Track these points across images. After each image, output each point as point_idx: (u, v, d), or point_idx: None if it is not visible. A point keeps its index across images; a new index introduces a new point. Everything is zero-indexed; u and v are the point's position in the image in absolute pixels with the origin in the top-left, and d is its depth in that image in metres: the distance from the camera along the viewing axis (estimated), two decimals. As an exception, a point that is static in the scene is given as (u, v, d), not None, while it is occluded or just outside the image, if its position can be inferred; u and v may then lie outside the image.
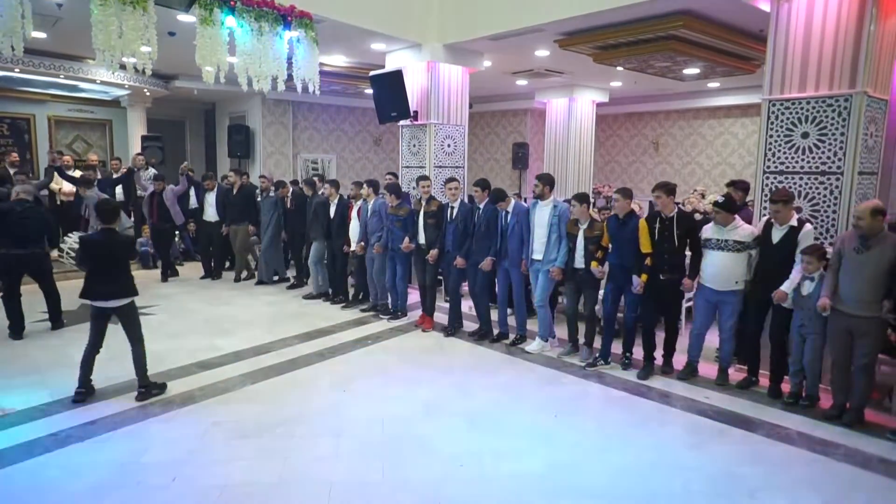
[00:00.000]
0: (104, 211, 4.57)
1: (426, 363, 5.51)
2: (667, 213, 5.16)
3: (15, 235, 5.86)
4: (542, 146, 13.93)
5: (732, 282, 4.90)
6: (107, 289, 4.46)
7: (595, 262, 5.38)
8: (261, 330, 6.42)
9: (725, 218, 4.89)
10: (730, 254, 4.88)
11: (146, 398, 4.51)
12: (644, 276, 5.11)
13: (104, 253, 4.44)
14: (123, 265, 4.60)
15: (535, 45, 8.13)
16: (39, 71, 9.43)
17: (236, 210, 8.82)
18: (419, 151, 8.52)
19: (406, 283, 7.08)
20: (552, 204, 5.78)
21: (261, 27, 5.98)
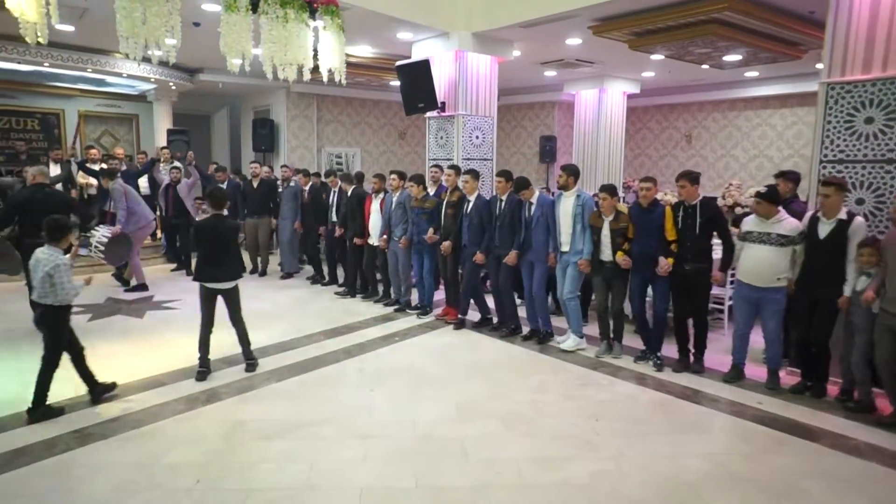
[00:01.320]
0: (214, 196, 4.88)
1: (456, 361, 5.30)
2: (690, 201, 4.91)
3: (37, 223, 5.70)
4: (570, 139, 13.62)
5: (774, 278, 4.60)
6: (216, 271, 4.73)
7: (621, 253, 5.18)
8: (286, 325, 6.28)
9: (767, 209, 4.60)
10: (772, 248, 4.59)
11: (254, 369, 4.93)
12: (670, 259, 4.91)
13: (214, 237, 4.72)
14: (232, 249, 4.84)
15: (567, 33, 7.84)
16: (67, 65, 9.41)
17: (257, 203, 8.72)
18: (446, 144, 8.29)
19: (433, 278, 6.90)
20: (576, 194, 5.58)
21: (286, 14, 5.80)
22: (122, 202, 7.39)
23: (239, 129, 14.51)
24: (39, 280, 3.88)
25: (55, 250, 3.98)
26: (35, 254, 3.95)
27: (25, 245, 5.65)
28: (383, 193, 7.19)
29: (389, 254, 7.08)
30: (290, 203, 8.61)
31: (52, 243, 4.00)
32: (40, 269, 3.87)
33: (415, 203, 6.68)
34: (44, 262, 3.88)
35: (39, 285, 3.89)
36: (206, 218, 4.94)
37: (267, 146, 12.39)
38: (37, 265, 3.90)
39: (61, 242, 4.05)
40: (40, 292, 3.92)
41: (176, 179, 8.83)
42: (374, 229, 7.22)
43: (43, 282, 3.87)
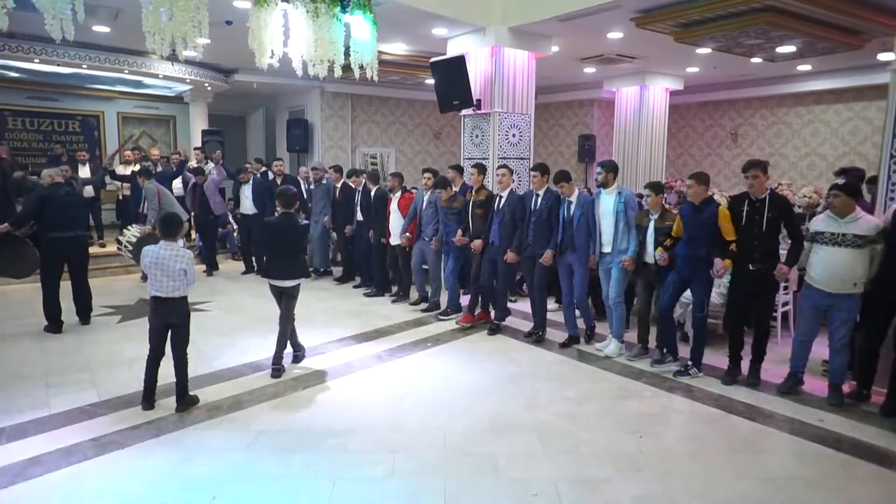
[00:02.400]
0: (284, 196, 4.87)
1: (490, 369, 5.04)
2: (757, 194, 4.52)
3: (61, 219, 5.73)
4: (609, 138, 13.19)
5: (850, 283, 4.21)
6: (283, 269, 4.78)
7: (660, 249, 4.88)
8: (316, 328, 6.10)
9: (845, 204, 4.22)
10: (847, 250, 4.19)
11: (300, 360, 5.05)
12: (728, 260, 4.52)
13: (283, 236, 4.78)
14: (300, 248, 4.97)
15: (607, 26, 7.49)
16: (105, 66, 9.49)
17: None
18: (482, 142, 8.03)
19: (456, 278, 6.73)
20: (616, 191, 5.29)
21: (317, 9, 5.64)
22: (154, 202, 7.37)
23: (274, 130, 14.54)
24: (173, 275, 4.01)
25: (173, 244, 4.10)
26: (156, 252, 4.02)
27: (48, 240, 5.69)
28: (401, 192, 7.20)
29: (416, 252, 6.97)
30: (322, 201, 8.49)
31: (168, 239, 4.11)
32: (174, 265, 4.00)
33: (444, 203, 6.58)
34: (174, 257, 4.01)
35: (172, 279, 4.01)
36: (278, 216, 4.96)
37: (301, 147, 12.35)
38: (166, 262, 4.00)
39: (177, 237, 4.20)
40: (173, 286, 4.03)
41: (202, 180, 8.77)
42: (394, 229, 7.17)
43: (178, 276, 4.03)
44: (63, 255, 5.81)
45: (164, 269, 4.00)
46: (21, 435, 3.72)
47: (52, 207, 5.67)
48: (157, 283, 4.03)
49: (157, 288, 4.04)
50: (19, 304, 6.77)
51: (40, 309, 5.84)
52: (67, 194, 5.90)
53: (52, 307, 5.82)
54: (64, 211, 5.74)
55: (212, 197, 8.78)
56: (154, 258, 4.02)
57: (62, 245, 5.73)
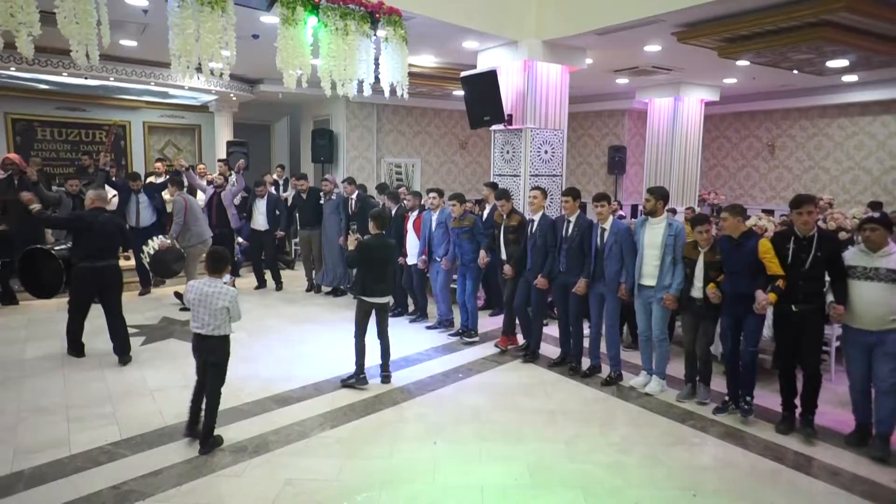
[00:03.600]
0: (380, 218, 5.14)
1: (526, 408, 4.77)
2: (805, 231, 4.20)
3: (95, 247, 5.49)
4: (640, 149, 12.87)
5: (887, 319, 3.91)
6: (380, 287, 5.07)
7: (712, 285, 4.56)
8: (341, 355, 5.89)
9: (881, 238, 3.98)
10: (882, 284, 3.94)
11: (389, 381, 5.22)
12: (773, 295, 4.19)
13: (380, 255, 5.05)
14: (391, 267, 5.29)
15: (646, 39, 7.20)
16: (132, 79, 9.48)
17: (308, 215, 8.46)
18: (513, 159, 7.78)
19: (475, 300, 6.56)
20: (666, 221, 4.96)
21: (346, 26, 5.46)
22: (180, 216, 7.22)
23: (299, 139, 14.45)
24: (215, 313, 3.89)
25: (217, 281, 4.00)
26: (200, 289, 3.93)
27: (80, 269, 5.47)
28: (418, 211, 7.01)
29: (432, 274, 6.82)
30: (334, 216, 8.23)
31: (214, 275, 4.01)
32: (217, 302, 3.89)
33: (454, 224, 6.44)
34: (218, 295, 3.90)
35: (214, 318, 3.90)
36: (372, 237, 5.11)
37: (326, 157, 12.21)
38: (209, 299, 3.89)
39: (223, 273, 4.08)
40: (214, 324, 3.92)
41: (220, 189, 8.53)
42: (410, 248, 7.01)
43: (220, 314, 3.91)
44: (95, 288, 5.55)
45: (206, 305, 3.89)
46: (40, 480, 3.56)
47: (89, 234, 5.45)
48: (199, 319, 3.94)
49: (198, 324, 3.95)
50: (42, 323, 6.68)
51: (63, 330, 5.70)
52: (106, 221, 5.62)
53: (77, 332, 5.66)
54: (99, 239, 5.51)
55: (229, 208, 8.58)
56: (197, 294, 3.92)
57: (95, 276, 5.47)
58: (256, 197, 8.58)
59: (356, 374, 5.08)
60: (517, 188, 7.75)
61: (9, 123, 11.09)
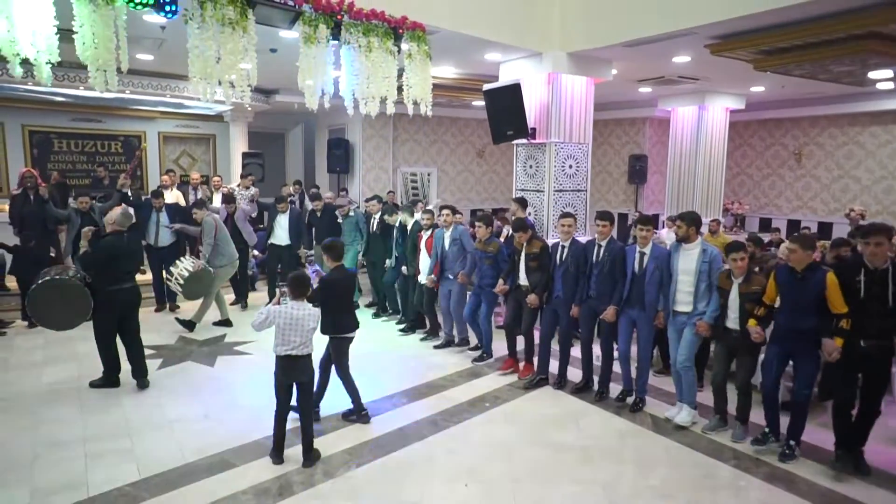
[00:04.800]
0: (331, 248, 4.75)
1: (558, 444, 4.56)
2: (879, 264, 3.94)
3: (121, 270, 5.35)
4: (661, 158, 12.62)
5: None
6: (353, 320, 4.79)
7: (753, 321, 4.32)
8: (364, 380, 5.67)
9: None
10: None
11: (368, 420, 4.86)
12: (839, 339, 3.97)
13: (345, 289, 4.76)
14: (353, 299, 4.99)
15: (676, 51, 6.97)
16: (147, 91, 9.38)
17: (324, 232, 8.28)
18: (536, 173, 7.57)
19: (491, 323, 6.45)
20: (700, 247, 4.75)
21: (369, 43, 5.29)
22: (210, 237, 7.07)
23: (313, 147, 14.32)
24: (306, 334, 4.10)
25: (304, 304, 4.14)
26: (290, 314, 4.06)
27: (108, 294, 5.27)
28: (432, 229, 6.82)
29: (442, 294, 6.64)
30: (352, 234, 8.06)
31: (298, 298, 4.14)
32: (308, 324, 4.10)
33: (478, 245, 6.26)
34: (308, 317, 4.10)
35: (304, 338, 4.10)
36: (332, 271, 4.76)
37: (342, 167, 12.06)
38: (300, 322, 4.07)
39: (305, 296, 4.18)
40: (303, 345, 4.11)
41: (232, 211, 8.23)
42: (423, 266, 6.87)
43: (308, 334, 4.12)
44: (123, 310, 5.39)
45: (297, 328, 4.06)
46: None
47: (119, 260, 5.31)
48: (289, 342, 4.06)
49: (288, 347, 4.07)
50: (59, 343, 6.54)
51: (82, 351, 5.60)
52: (129, 243, 5.49)
53: (115, 362, 5.45)
54: (128, 262, 5.41)
55: (243, 227, 8.41)
56: (288, 319, 4.05)
57: (123, 298, 5.34)
58: (279, 212, 8.44)
59: (358, 410, 4.86)
60: (541, 203, 7.55)
61: (26, 135, 11.04)
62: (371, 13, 5.28)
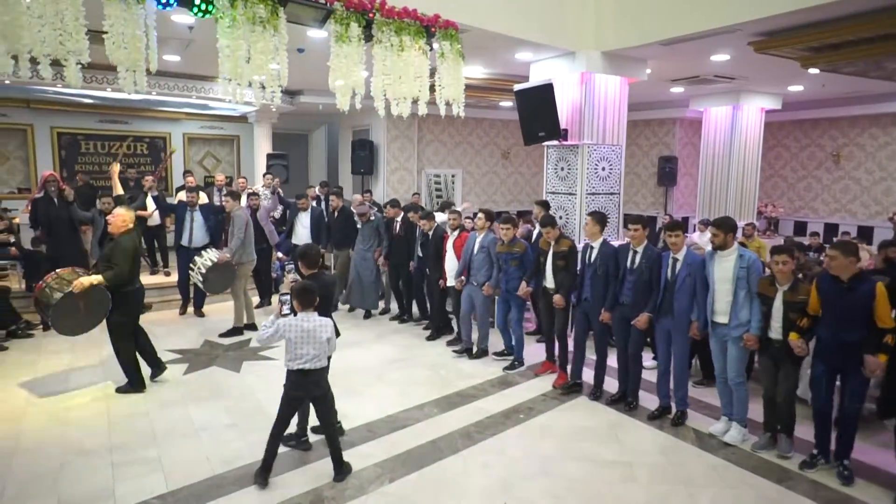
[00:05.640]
0: (306, 255, 4.34)
1: (599, 458, 4.36)
2: None
3: (137, 269, 5.35)
4: (692, 160, 12.32)
5: None
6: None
7: (795, 335, 4.07)
8: (392, 389, 5.58)
9: None
10: None
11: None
12: (883, 356, 3.75)
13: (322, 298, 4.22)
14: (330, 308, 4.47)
15: (715, 49, 6.72)
16: (174, 93, 9.37)
17: (339, 234, 8.15)
18: (568, 176, 7.36)
19: (522, 328, 6.25)
20: (737, 253, 4.51)
21: (402, 42, 5.13)
22: (241, 231, 6.96)
23: (337, 148, 14.24)
24: (321, 345, 3.83)
25: (313, 315, 3.86)
26: (300, 326, 3.79)
27: (122, 294, 5.23)
28: (458, 231, 6.67)
29: (465, 298, 6.46)
30: (370, 239, 7.90)
31: (307, 309, 3.85)
32: (321, 335, 3.82)
33: (500, 248, 6.08)
34: (320, 328, 3.83)
35: (318, 350, 3.83)
36: (307, 279, 4.25)
37: (366, 169, 11.94)
38: (312, 334, 3.80)
39: (314, 306, 3.89)
40: (317, 357, 3.84)
41: (255, 206, 8.06)
42: (449, 269, 6.70)
43: (322, 345, 3.84)
44: (138, 311, 5.42)
45: (310, 341, 3.80)
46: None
47: (137, 256, 5.35)
48: (300, 355, 3.80)
49: (301, 360, 3.81)
50: (85, 346, 6.43)
51: (107, 355, 5.51)
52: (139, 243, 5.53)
53: (137, 364, 5.41)
54: (137, 261, 5.39)
55: (265, 226, 8.26)
56: (300, 332, 3.79)
57: (137, 299, 5.38)
58: (299, 210, 8.31)
59: (298, 435, 4.41)
60: (572, 206, 7.34)
61: (54, 137, 11.12)
62: (403, 11, 5.13)
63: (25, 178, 10.95)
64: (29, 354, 6.35)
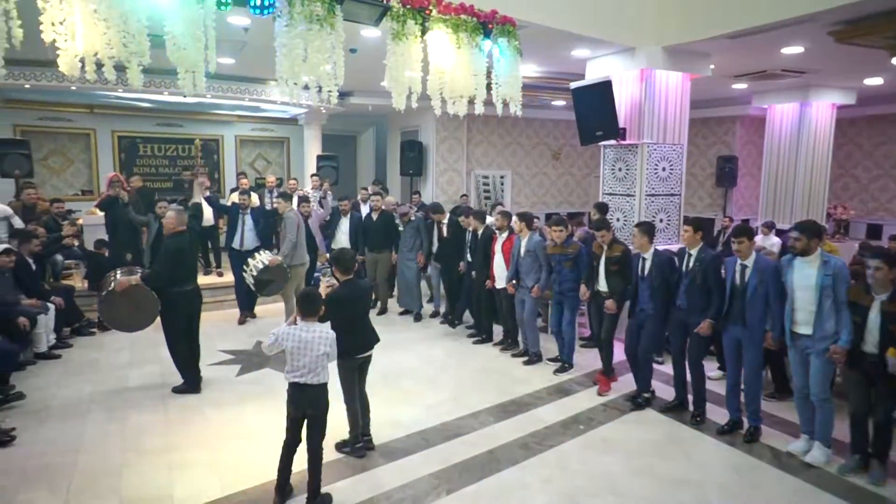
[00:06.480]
0: (339, 259, 4.22)
1: (666, 475, 4.11)
2: None
3: (184, 271, 5.32)
4: (752, 159, 11.79)
5: None
6: (364, 339, 4.26)
7: (893, 350, 3.72)
8: (446, 394, 5.45)
9: None
10: None
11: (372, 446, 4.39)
12: None
13: (356, 305, 4.21)
14: (366, 316, 4.39)
15: (788, 41, 6.34)
16: (227, 95, 9.50)
17: (378, 237, 8.04)
18: (626, 177, 7.08)
19: (574, 330, 6.07)
20: (821, 260, 4.16)
21: (458, 38, 5.00)
22: (293, 233, 6.94)
23: (385, 149, 14.24)
24: (316, 359, 3.60)
25: (314, 325, 3.66)
26: (298, 336, 3.60)
27: (175, 295, 5.26)
28: (507, 233, 6.49)
29: (517, 301, 6.33)
30: (412, 240, 7.84)
31: (309, 318, 3.65)
32: (318, 348, 3.59)
33: (552, 249, 5.91)
34: (318, 340, 3.60)
35: (315, 364, 3.60)
36: (340, 287, 4.15)
37: (415, 170, 11.87)
38: (308, 346, 3.59)
39: (317, 315, 3.71)
40: (314, 372, 3.62)
41: (307, 213, 7.98)
42: (497, 271, 6.53)
43: (320, 360, 3.62)
44: (188, 312, 5.40)
45: (306, 353, 3.58)
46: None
47: (185, 259, 5.33)
48: (297, 368, 3.61)
49: (297, 373, 3.61)
50: (144, 345, 6.54)
51: (165, 354, 5.51)
52: (191, 244, 5.51)
53: (194, 368, 5.44)
54: (189, 262, 5.41)
55: (317, 234, 8.20)
56: (296, 342, 3.59)
57: (188, 300, 5.36)
58: (340, 216, 8.23)
59: (353, 442, 4.32)
60: (630, 208, 7.07)
61: (115, 141, 11.47)
62: (460, 7, 5.00)
63: (88, 180, 11.32)
64: (91, 352, 6.49)
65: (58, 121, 10.86)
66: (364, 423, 4.40)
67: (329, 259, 4.55)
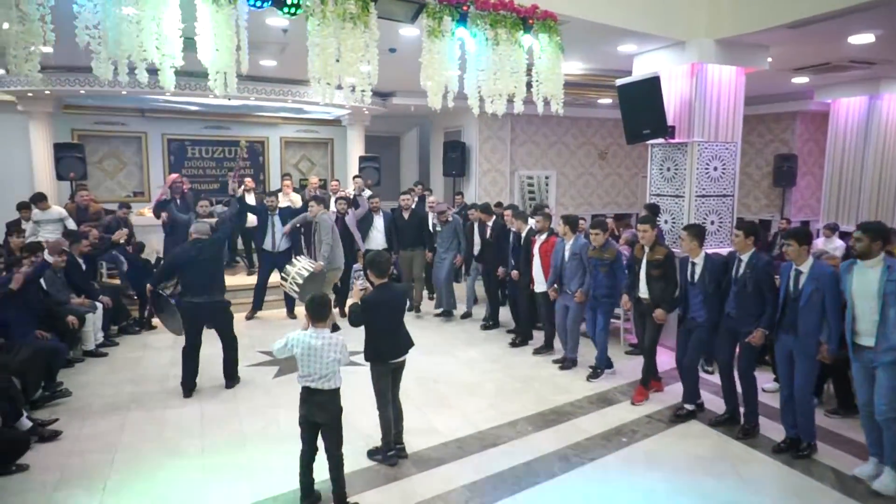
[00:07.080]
0: (374, 262, 4.11)
1: (717, 496, 3.83)
2: None
3: (195, 282, 5.32)
4: (813, 158, 11.16)
5: None
6: (397, 345, 4.20)
7: None
8: (484, 402, 5.30)
9: None
10: None
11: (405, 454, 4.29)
12: None
13: (387, 311, 4.12)
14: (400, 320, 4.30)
15: (856, 28, 5.90)
16: (270, 98, 9.59)
17: (412, 235, 7.95)
18: (675, 176, 6.76)
19: (607, 335, 5.87)
20: (883, 264, 3.80)
21: (497, 35, 4.84)
22: (328, 236, 6.93)
23: (428, 150, 14.15)
24: (327, 364, 3.54)
25: (324, 331, 3.61)
26: (307, 343, 3.54)
27: (185, 305, 5.34)
28: (546, 235, 6.35)
29: (559, 306, 6.13)
30: (449, 241, 7.76)
31: (319, 324, 3.60)
32: (329, 355, 3.54)
33: (591, 253, 5.73)
34: (328, 347, 3.54)
35: (325, 369, 3.54)
36: (375, 290, 4.08)
37: (458, 171, 11.73)
38: (318, 352, 3.53)
39: (327, 321, 3.66)
40: (324, 378, 3.56)
41: (343, 211, 7.93)
42: (536, 274, 6.41)
43: (331, 366, 3.56)
44: (200, 322, 5.42)
45: (314, 359, 3.53)
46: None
47: (188, 270, 5.36)
48: (309, 373, 3.55)
49: (309, 378, 3.56)
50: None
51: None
52: (202, 252, 5.37)
53: (186, 373, 5.41)
54: (197, 273, 5.34)
55: (355, 233, 8.09)
56: (304, 349, 3.53)
57: (197, 311, 5.33)
58: (373, 214, 8.17)
59: (385, 450, 4.20)
60: (679, 210, 6.74)
61: (165, 143, 11.78)
62: (499, 3, 4.84)
63: (140, 182, 11.66)
64: (135, 351, 6.63)
65: (112, 125, 11.23)
66: (397, 430, 4.29)
67: (364, 262, 4.47)
